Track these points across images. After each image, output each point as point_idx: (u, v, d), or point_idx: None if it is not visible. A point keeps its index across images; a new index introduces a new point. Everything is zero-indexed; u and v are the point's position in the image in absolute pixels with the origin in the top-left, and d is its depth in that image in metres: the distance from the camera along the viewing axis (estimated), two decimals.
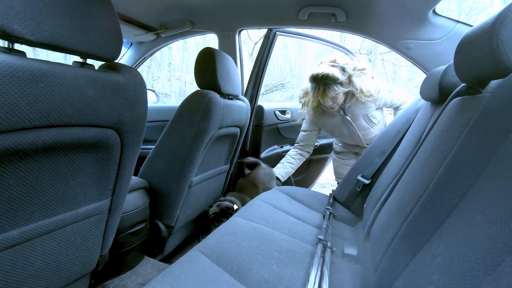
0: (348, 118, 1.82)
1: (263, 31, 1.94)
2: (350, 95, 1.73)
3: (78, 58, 0.72)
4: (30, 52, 0.60)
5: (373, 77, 1.73)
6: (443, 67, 1.08)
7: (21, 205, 0.66)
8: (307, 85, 1.78)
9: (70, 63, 0.69)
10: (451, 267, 0.50)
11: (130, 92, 0.79)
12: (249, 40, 7.57)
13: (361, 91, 1.67)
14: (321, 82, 1.64)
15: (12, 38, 0.53)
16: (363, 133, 1.87)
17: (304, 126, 2.04)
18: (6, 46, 0.56)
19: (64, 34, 0.60)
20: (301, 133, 2.07)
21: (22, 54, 0.57)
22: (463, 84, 0.87)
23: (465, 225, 0.53)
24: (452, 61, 1.01)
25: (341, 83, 1.65)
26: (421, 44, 1.43)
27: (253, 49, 7.54)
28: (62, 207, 0.77)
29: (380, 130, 1.87)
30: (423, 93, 1.26)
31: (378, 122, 1.87)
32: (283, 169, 2.03)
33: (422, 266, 0.59)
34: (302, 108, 1.92)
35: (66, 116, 0.63)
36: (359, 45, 7.40)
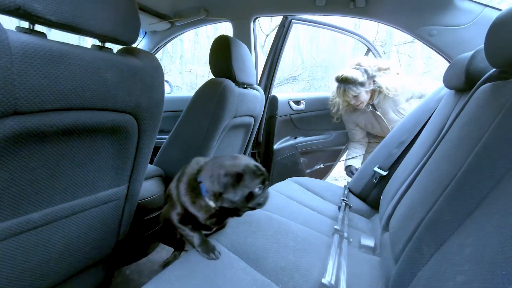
0: (378, 113, 1.96)
1: (275, 22, 1.92)
2: (377, 92, 1.88)
3: (96, 42, 0.71)
4: None
5: (398, 73, 1.87)
6: (470, 53, 1.03)
7: (42, 188, 0.67)
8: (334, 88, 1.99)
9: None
10: (483, 257, 0.47)
11: (147, 76, 0.78)
12: (261, 32, 7.47)
13: (387, 89, 1.83)
14: (342, 83, 1.86)
15: (33, 17, 0.52)
16: (393, 125, 1.95)
17: (347, 126, 2.25)
18: (27, 27, 0.55)
19: (83, 15, 0.60)
20: (349, 132, 2.27)
21: (42, 35, 0.56)
22: (494, 69, 0.83)
23: (498, 214, 0.50)
24: (480, 46, 0.95)
25: (361, 84, 1.82)
26: (445, 30, 1.36)
27: (265, 41, 7.45)
28: (81, 191, 0.78)
29: None
30: (447, 81, 1.21)
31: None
32: (355, 159, 2.19)
33: (450, 257, 0.57)
34: (333, 108, 2.11)
35: (85, 99, 0.63)
36: (373, 37, 7.20)
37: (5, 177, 0.58)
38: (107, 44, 0.73)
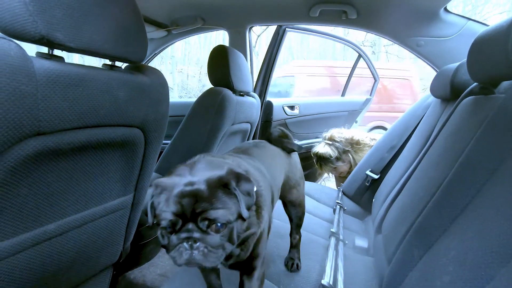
0: None
1: None
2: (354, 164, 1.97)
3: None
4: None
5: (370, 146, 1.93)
6: (455, 65, 1.10)
7: (57, 200, 0.70)
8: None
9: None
10: (466, 260, 0.54)
11: (154, 92, 0.82)
12: (252, 32, 7.48)
13: (355, 163, 1.91)
14: (317, 160, 2.01)
15: (54, 45, 0.56)
16: None
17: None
18: (47, 52, 0.59)
19: (98, 40, 0.63)
20: None
21: (61, 59, 0.60)
22: (475, 83, 0.90)
23: (479, 221, 0.57)
24: (464, 60, 1.03)
25: (337, 158, 1.96)
26: (431, 41, 1.44)
27: (256, 42, 7.49)
28: (92, 202, 0.81)
29: None
30: (434, 90, 1.28)
31: None
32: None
33: (437, 258, 0.63)
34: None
35: (99, 117, 0.67)
36: (363, 38, 7.34)
37: (25, 192, 0.62)
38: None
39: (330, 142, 1.98)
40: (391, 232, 0.94)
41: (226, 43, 1.89)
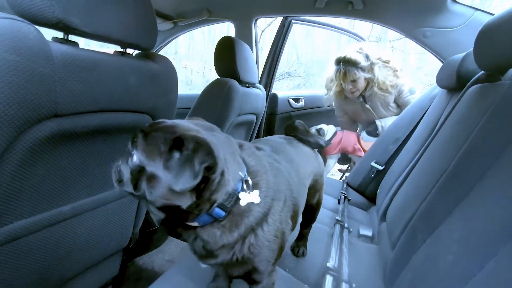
0: (367, 106, 1.96)
1: (271, 19, 1.96)
2: (371, 83, 1.86)
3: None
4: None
5: (396, 71, 1.84)
6: (461, 55, 1.10)
7: (71, 184, 0.73)
8: (332, 71, 1.94)
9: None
10: (469, 239, 0.55)
11: (164, 79, 0.84)
12: (257, 27, 7.46)
13: (378, 82, 1.81)
14: (343, 65, 1.81)
15: (70, 30, 0.58)
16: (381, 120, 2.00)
17: (336, 113, 2.25)
18: (62, 37, 0.61)
19: (111, 26, 0.65)
20: (338, 120, 2.28)
21: (75, 44, 0.62)
22: (482, 71, 0.90)
23: (483, 203, 0.58)
24: (470, 49, 1.03)
25: (362, 68, 1.79)
26: (438, 32, 1.43)
27: (260, 37, 7.46)
28: (103, 186, 0.84)
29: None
30: (440, 80, 1.28)
31: (396, 111, 2.00)
32: None
33: (440, 240, 0.64)
34: (326, 93, 2.10)
35: (112, 102, 0.69)
36: (368, 32, 7.24)
37: (42, 172, 0.64)
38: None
39: (360, 51, 1.83)
40: (396, 218, 0.95)
41: None
